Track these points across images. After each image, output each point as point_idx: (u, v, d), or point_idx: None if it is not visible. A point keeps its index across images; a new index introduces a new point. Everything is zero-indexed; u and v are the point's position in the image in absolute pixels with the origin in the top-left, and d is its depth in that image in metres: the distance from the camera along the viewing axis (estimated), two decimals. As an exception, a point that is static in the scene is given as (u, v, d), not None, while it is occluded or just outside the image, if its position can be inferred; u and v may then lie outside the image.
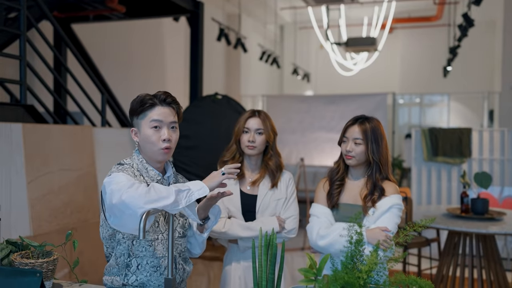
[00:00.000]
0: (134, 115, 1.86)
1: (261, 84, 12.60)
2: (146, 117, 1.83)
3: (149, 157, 1.87)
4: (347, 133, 2.28)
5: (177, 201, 1.66)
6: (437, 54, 11.86)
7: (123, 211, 1.63)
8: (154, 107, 1.83)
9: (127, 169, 1.81)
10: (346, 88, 12.39)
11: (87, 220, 3.90)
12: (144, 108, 1.83)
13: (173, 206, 1.65)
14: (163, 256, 1.86)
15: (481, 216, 4.12)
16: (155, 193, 1.64)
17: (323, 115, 9.49)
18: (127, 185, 1.66)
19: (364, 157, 2.23)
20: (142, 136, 1.83)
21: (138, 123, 1.85)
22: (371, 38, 10.09)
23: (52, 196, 3.58)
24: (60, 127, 3.84)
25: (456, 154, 5.91)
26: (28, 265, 1.74)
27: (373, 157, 2.22)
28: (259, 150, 2.43)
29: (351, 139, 2.24)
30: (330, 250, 2.14)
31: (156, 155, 1.85)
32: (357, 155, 2.23)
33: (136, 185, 1.67)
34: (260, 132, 2.42)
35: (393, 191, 2.19)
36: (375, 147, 2.22)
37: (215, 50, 9.75)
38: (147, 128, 1.82)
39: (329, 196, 2.29)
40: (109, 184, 1.71)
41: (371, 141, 2.22)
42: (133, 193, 1.63)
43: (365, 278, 1.37)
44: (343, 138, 2.30)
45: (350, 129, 2.28)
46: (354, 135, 2.24)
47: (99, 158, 4.13)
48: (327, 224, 2.20)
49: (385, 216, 2.12)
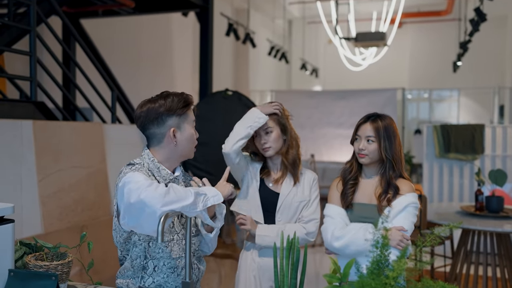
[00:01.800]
0: (174, 115, 1.83)
1: (269, 79, 12.54)
2: (188, 117, 1.87)
3: (180, 155, 1.88)
4: (359, 131, 2.23)
5: (196, 203, 1.63)
6: (446, 49, 11.74)
7: (142, 210, 1.60)
8: (190, 107, 1.88)
9: (140, 169, 1.77)
10: (354, 83, 12.30)
11: (98, 217, 3.87)
12: (188, 108, 1.86)
13: (191, 208, 1.62)
14: (180, 256, 1.83)
15: (496, 214, 4.06)
16: (174, 194, 1.61)
17: (332, 110, 9.43)
18: (145, 184, 1.63)
19: (377, 155, 2.19)
20: (185, 136, 1.85)
21: (179, 122, 1.84)
22: (381, 33, 9.99)
23: (63, 193, 3.56)
24: (71, 124, 3.81)
25: (468, 151, 5.83)
26: (43, 267, 1.70)
27: (386, 154, 2.17)
28: (275, 148, 2.37)
29: (363, 137, 2.20)
30: (345, 252, 2.09)
31: (191, 152, 1.91)
32: (370, 153, 2.18)
33: (155, 185, 1.63)
34: (269, 130, 2.36)
35: (408, 190, 2.14)
36: (388, 144, 2.18)
37: (223, 46, 9.69)
38: (191, 128, 1.87)
39: (343, 196, 2.24)
40: (126, 184, 1.67)
41: (384, 139, 2.18)
42: (152, 193, 1.60)
43: (392, 284, 1.33)
44: (355, 136, 2.25)
45: (362, 127, 2.23)
46: (367, 133, 2.19)
47: (109, 155, 4.10)
48: (342, 224, 2.16)
49: (401, 216, 2.07)
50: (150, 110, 1.82)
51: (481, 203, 4.14)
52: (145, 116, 1.84)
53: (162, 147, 1.85)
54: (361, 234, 2.06)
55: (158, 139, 1.85)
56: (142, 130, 1.88)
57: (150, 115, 1.82)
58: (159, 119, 1.82)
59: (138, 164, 1.80)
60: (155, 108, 1.82)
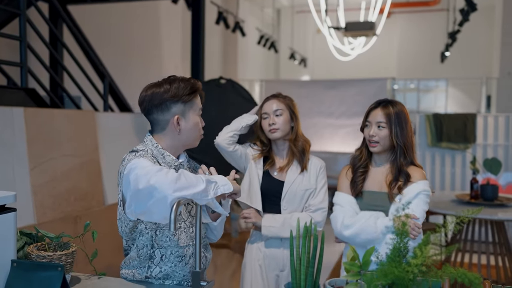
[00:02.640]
0: (180, 101, 1.76)
1: (257, 68, 12.46)
2: (194, 105, 1.80)
3: (184, 144, 1.81)
4: (370, 117, 2.19)
5: (207, 190, 1.57)
6: (435, 39, 11.77)
7: (152, 195, 1.52)
8: (198, 94, 1.81)
9: (144, 155, 1.70)
10: (343, 73, 12.28)
11: (91, 207, 3.79)
12: (195, 95, 1.79)
13: (202, 195, 1.56)
14: (187, 245, 1.77)
15: (491, 202, 4.08)
16: (186, 180, 1.54)
17: (322, 100, 9.39)
18: (154, 169, 1.56)
19: (388, 142, 2.14)
20: (191, 123, 1.78)
21: (185, 110, 1.77)
22: (370, 23, 9.95)
23: (55, 183, 3.47)
24: (63, 112, 3.72)
25: (460, 140, 5.85)
26: (46, 258, 1.63)
27: (397, 141, 2.13)
28: (283, 131, 2.33)
29: (374, 123, 2.15)
30: (355, 240, 2.06)
31: (196, 141, 1.84)
32: (381, 140, 2.14)
33: (165, 170, 1.56)
34: (279, 113, 2.33)
35: (420, 177, 2.11)
36: (399, 130, 2.13)
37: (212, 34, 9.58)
38: (196, 116, 1.80)
39: (352, 184, 2.20)
40: (132, 170, 1.60)
41: (395, 125, 2.13)
42: (162, 178, 1.53)
43: (415, 272, 1.29)
44: (366, 123, 2.21)
45: (372, 113, 2.19)
46: (377, 118, 2.15)
47: (102, 144, 4.01)
48: (351, 213, 2.12)
49: (413, 203, 2.04)
50: (154, 95, 1.75)
51: (476, 191, 4.16)
52: (149, 101, 1.76)
53: (165, 134, 1.79)
54: (372, 222, 2.03)
55: (161, 125, 1.78)
56: (146, 114, 1.80)
57: (154, 100, 1.75)
58: (163, 105, 1.75)
59: (142, 151, 1.73)
60: (160, 93, 1.74)
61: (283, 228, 2.25)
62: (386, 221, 2.01)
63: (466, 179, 5.88)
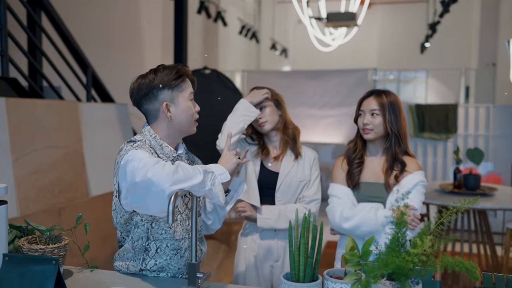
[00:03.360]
0: (166, 88, 1.73)
1: (238, 59, 12.39)
2: (183, 90, 1.76)
3: (180, 131, 1.77)
4: (363, 106, 2.18)
5: (205, 181, 1.55)
6: (415, 30, 11.86)
7: (149, 189, 1.50)
8: (186, 79, 1.77)
9: (142, 146, 1.67)
10: (324, 64, 12.30)
11: (75, 199, 3.73)
12: (181, 80, 1.75)
13: (200, 187, 1.54)
14: (183, 237, 1.75)
15: (473, 191, 4.15)
16: (183, 172, 1.52)
17: (304, 90, 9.40)
18: (151, 162, 1.53)
19: (382, 129, 2.14)
20: (181, 109, 1.74)
21: (173, 95, 1.74)
22: (351, 13, 9.96)
23: (39, 174, 3.40)
24: (45, 102, 3.64)
25: (442, 130, 5.93)
26: (38, 251, 1.60)
27: (392, 128, 2.13)
28: (272, 122, 2.32)
29: (367, 112, 2.15)
30: (355, 233, 2.05)
31: (191, 127, 1.79)
32: (375, 128, 2.13)
33: (162, 163, 1.53)
34: (263, 105, 2.31)
35: (416, 168, 2.12)
36: (393, 118, 2.13)
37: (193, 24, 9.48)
38: (187, 100, 1.76)
39: (349, 176, 2.18)
40: (129, 162, 1.57)
41: (389, 112, 2.13)
42: (159, 171, 1.50)
43: (415, 261, 1.30)
44: (359, 112, 2.20)
45: (366, 102, 2.18)
46: (371, 106, 2.14)
47: (86, 135, 3.94)
48: (350, 205, 2.11)
49: (411, 194, 2.05)
50: (141, 86, 1.73)
51: (459, 181, 4.22)
52: (136, 92, 1.74)
53: (159, 123, 1.76)
54: (372, 214, 2.03)
55: (153, 115, 1.76)
56: (137, 107, 1.78)
57: (141, 91, 1.73)
58: (150, 94, 1.72)
59: (140, 141, 1.70)
60: (146, 83, 1.72)
61: (279, 219, 2.24)
62: (386, 212, 2.02)
63: (447, 169, 5.96)
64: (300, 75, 9.64)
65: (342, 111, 9.01)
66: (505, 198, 4.04)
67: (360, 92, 8.70)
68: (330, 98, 9.06)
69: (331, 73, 9.37)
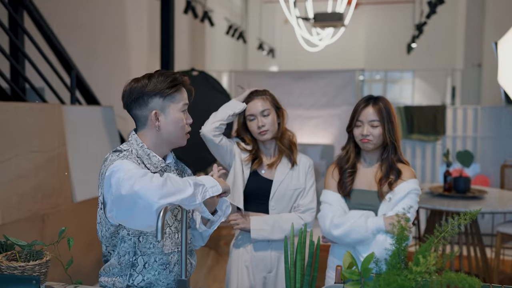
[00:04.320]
0: (158, 96, 1.65)
1: (225, 59, 12.30)
2: (176, 100, 1.67)
3: (165, 142, 1.69)
4: (361, 116, 2.11)
5: (195, 194, 1.47)
6: (401, 31, 11.87)
7: (135, 202, 1.41)
8: (182, 89, 1.70)
9: (128, 156, 1.59)
10: (311, 64, 12.26)
11: (58, 205, 3.62)
12: (176, 90, 1.67)
13: (190, 200, 1.46)
14: (172, 252, 1.67)
15: (463, 194, 4.12)
16: (172, 185, 1.44)
17: (291, 91, 9.34)
18: (138, 174, 1.45)
19: (381, 140, 2.09)
20: (171, 119, 1.67)
21: (164, 104, 1.66)
22: (338, 14, 9.94)
23: (21, 180, 3.29)
24: (28, 105, 3.53)
25: (430, 132, 5.91)
26: (18, 269, 1.51)
27: (390, 137, 2.09)
28: (272, 132, 2.25)
29: (366, 122, 2.09)
30: (345, 240, 2.00)
31: (181, 140, 1.71)
32: (374, 138, 2.08)
33: (149, 175, 1.45)
34: (266, 113, 2.24)
35: (410, 175, 2.07)
36: (390, 126, 2.09)
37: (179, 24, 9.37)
38: (178, 112, 1.68)
39: (340, 185, 2.14)
40: (114, 173, 1.48)
41: (387, 122, 2.09)
42: (147, 184, 1.42)
43: (418, 280, 1.23)
44: (357, 123, 2.13)
45: (364, 112, 2.11)
46: (370, 117, 2.08)
47: (70, 139, 3.83)
48: (340, 212, 2.06)
49: (403, 202, 2.00)
50: (132, 90, 1.65)
51: (449, 183, 4.19)
52: (127, 96, 1.67)
53: (147, 131, 1.68)
54: (362, 222, 1.98)
55: (142, 122, 1.68)
56: (127, 110, 1.71)
57: (132, 95, 1.66)
58: (140, 100, 1.65)
59: (126, 151, 1.62)
60: (138, 88, 1.65)
61: (274, 230, 2.17)
62: (376, 221, 1.97)
63: (435, 171, 5.95)
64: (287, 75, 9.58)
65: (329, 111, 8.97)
66: (495, 200, 4.03)
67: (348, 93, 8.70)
68: (317, 99, 9.01)
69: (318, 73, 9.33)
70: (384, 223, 1.94)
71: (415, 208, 2.04)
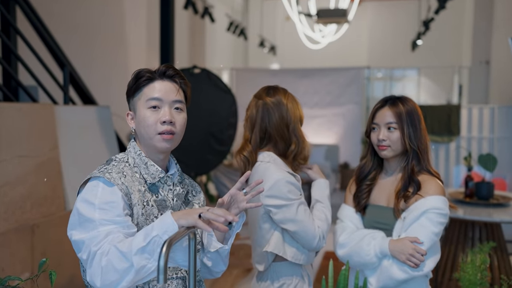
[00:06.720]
0: (130, 95, 1.47)
1: (226, 56, 12.03)
2: (142, 95, 1.44)
3: (147, 147, 1.45)
4: (377, 119, 1.86)
5: (144, 265, 1.19)
6: (406, 27, 11.60)
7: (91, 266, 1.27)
8: (152, 82, 1.44)
9: (111, 170, 1.33)
10: (312, 62, 11.99)
11: (50, 214, 3.34)
12: (140, 84, 1.44)
13: (141, 273, 1.20)
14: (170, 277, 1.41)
15: (486, 201, 3.85)
16: (113, 267, 1.19)
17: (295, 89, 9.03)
18: (94, 241, 1.24)
19: (400, 145, 1.83)
20: (138, 119, 1.44)
21: (134, 103, 1.46)
22: (342, 10, 9.66)
23: (8, 188, 3.00)
24: (16, 106, 3.23)
25: (444, 132, 5.63)
26: (-12, 310, 1.22)
27: (411, 143, 1.81)
28: None
29: (382, 125, 1.84)
30: (350, 262, 1.75)
31: (154, 142, 1.42)
32: (392, 144, 1.82)
33: (98, 252, 1.21)
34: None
35: (433, 191, 1.76)
36: (412, 131, 1.82)
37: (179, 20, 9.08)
38: (144, 109, 1.43)
39: (355, 198, 1.90)
40: (75, 212, 1.31)
41: (408, 125, 1.82)
42: (96, 265, 1.21)
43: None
44: (372, 125, 1.88)
45: (379, 113, 1.86)
46: (386, 119, 1.83)
47: (63, 142, 3.55)
48: (350, 229, 1.84)
49: (418, 223, 1.71)
50: None
51: (471, 189, 3.91)
52: None
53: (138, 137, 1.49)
54: (365, 244, 1.71)
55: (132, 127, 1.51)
56: None
57: None
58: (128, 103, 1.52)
59: (116, 161, 1.38)
60: None
61: None
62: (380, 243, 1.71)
63: (450, 173, 5.68)
64: (290, 73, 9.32)
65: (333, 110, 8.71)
66: (520, 208, 3.76)
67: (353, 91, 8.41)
68: (321, 98, 8.76)
69: (322, 71, 9.06)
70: (389, 247, 1.68)
71: (436, 231, 1.73)
